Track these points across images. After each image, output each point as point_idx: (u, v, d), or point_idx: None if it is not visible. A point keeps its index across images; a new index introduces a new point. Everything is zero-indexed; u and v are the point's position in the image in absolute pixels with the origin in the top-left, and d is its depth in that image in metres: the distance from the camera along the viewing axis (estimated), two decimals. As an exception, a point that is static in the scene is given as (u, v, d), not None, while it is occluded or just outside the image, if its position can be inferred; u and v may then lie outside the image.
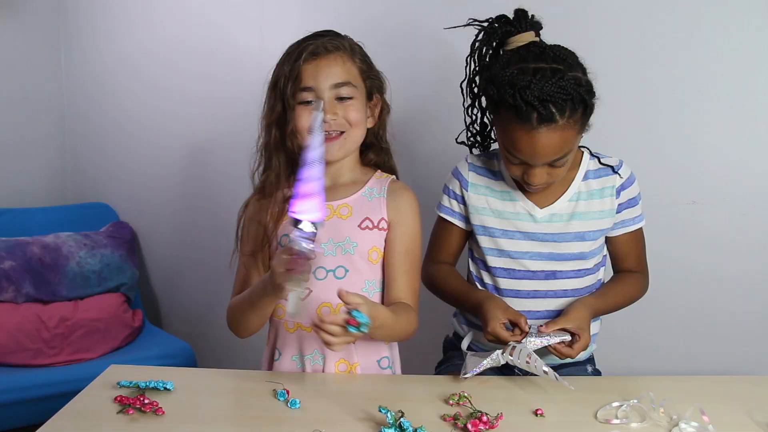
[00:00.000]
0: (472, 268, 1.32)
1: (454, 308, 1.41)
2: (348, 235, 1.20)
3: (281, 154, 1.23)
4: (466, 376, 1.12)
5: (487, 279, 1.29)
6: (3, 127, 2.31)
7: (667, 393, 1.01)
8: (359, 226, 1.21)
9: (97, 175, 2.52)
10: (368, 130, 1.26)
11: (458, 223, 1.31)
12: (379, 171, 1.29)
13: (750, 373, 1.48)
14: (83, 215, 2.37)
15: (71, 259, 2.12)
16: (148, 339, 2.20)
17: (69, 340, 2.02)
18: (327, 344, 1.00)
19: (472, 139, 1.30)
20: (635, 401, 1.00)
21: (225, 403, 1.01)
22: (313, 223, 0.98)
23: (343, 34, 1.25)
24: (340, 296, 1.00)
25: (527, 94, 1.06)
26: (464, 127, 1.31)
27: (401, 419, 0.90)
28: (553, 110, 1.07)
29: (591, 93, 1.11)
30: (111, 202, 2.46)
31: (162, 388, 1.02)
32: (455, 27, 1.23)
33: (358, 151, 1.27)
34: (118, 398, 0.99)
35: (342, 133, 1.20)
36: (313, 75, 1.18)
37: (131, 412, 0.96)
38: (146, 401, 0.97)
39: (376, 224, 1.22)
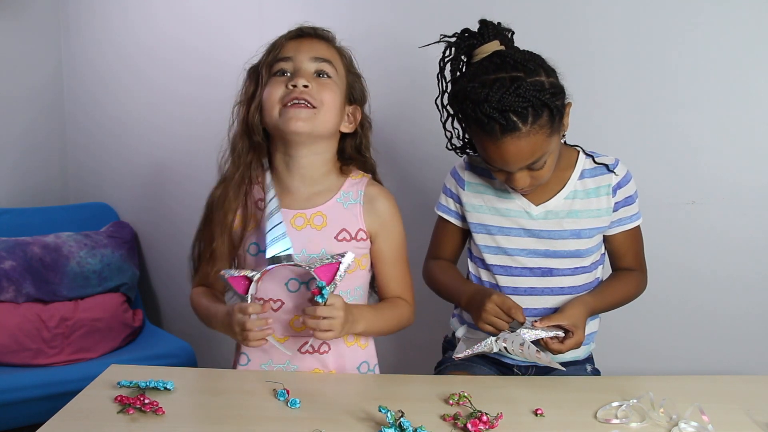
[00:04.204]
0: (471, 267, 1.33)
1: (453, 309, 1.41)
2: (323, 248, 1.17)
3: (245, 136, 1.20)
4: (458, 356, 1.14)
5: (485, 277, 1.29)
6: (3, 127, 2.31)
7: (666, 393, 1.01)
8: (336, 238, 1.19)
9: (97, 175, 2.52)
10: (348, 140, 1.25)
11: (455, 221, 1.32)
12: (355, 170, 1.26)
13: (750, 373, 1.48)
14: (83, 215, 2.37)
15: (71, 259, 2.12)
16: (148, 339, 2.19)
17: (69, 340, 2.02)
18: (317, 333, 1.07)
19: (458, 151, 1.31)
20: (635, 401, 1.00)
21: (225, 403, 1.01)
22: (288, 257, 1.10)
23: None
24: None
25: (485, 107, 1.07)
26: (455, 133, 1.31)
27: (401, 419, 0.90)
28: (515, 119, 1.07)
29: (556, 95, 1.10)
30: (111, 202, 2.46)
31: (162, 388, 1.02)
32: (429, 44, 1.23)
33: (334, 158, 1.24)
34: (119, 398, 0.99)
35: (313, 108, 1.15)
36: (294, 47, 1.17)
37: (131, 412, 0.96)
38: (146, 401, 0.97)
39: (354, 236, 1.20)
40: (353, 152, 1.26)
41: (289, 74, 1.16)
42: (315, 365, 1.21)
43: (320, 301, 1.05)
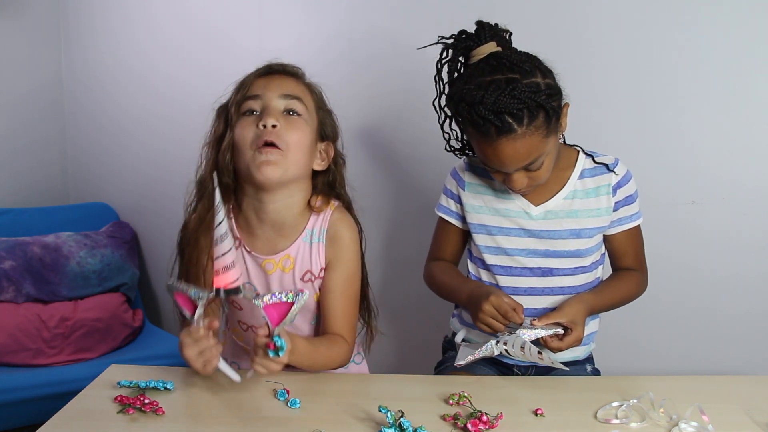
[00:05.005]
0: (471, 268, 1.33)
1: (453, 309, 1.41)
2: (291, 289, 1.17)
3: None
4: (460, 363, 1.13)
5: (485, 277, 1.29)
6: (3, 127, 2.31)
7: (667, 393, 1.01)
8: (302, 279, 1.19)
9: (97, 175, 2.52)
10: (320, 177, 1.21)
11: (455, 222, 1.32)
12: (320, 201, 1.21)
13: (750, 373, 1.48)
14: (83, 215, 2.37)
15: (71, 259, 2.12)
16: (148, 339, 2.19)
17: (69, 340, 2.02)
18: (258, 371, 0.98)
19: (458, 152, 1.31)
20: (635, 401, 1.00)
21: (225, 403, 1.01)
22: (236, 290, 0.99)
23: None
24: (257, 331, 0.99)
25: (481, 109, 1.07)
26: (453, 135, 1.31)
27: (401, 419, 0.90)
28: (510, 121, 1.07)
29: (552, 96, 1.10)
30: (111, 202, 2.46)
31: (162, 388, 1.03)
32: (427, 46, 1.24)
33: (306, 199, 1.20)
34: (118, 398, 0.99)
35: (281, 150, 1.11)
36: (263, 85, 1.14)
37: (131, 412, 0.96)
38: (146, 401, 0.97)
39: (317, 275, 1.19)
40: (325, 189, 1.23)
41: (258, 113, 1.13)
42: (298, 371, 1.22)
43: (271, 355, 0.96)
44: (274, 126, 1.11)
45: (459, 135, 1.27)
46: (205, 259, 1.19)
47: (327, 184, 1.23)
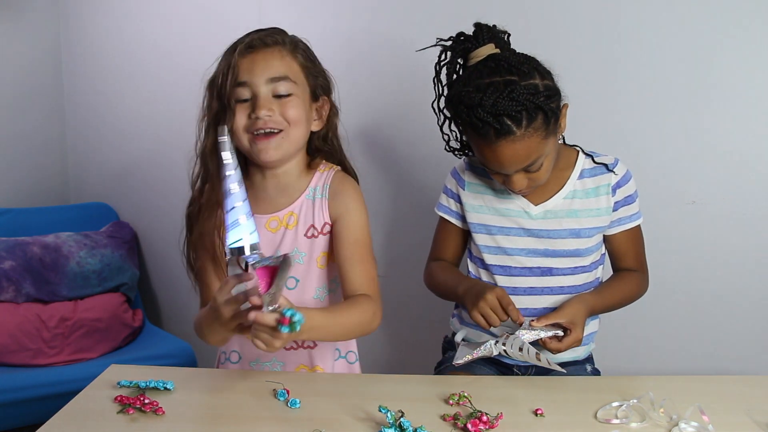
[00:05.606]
0: (471, 268, 1.33)
1: (453, 309, 1.41)
2: (296, 246, 1.18)
3: (216, 158, 1.14)
4: (458, 362, 1.13)
5: (485, 277, 1.29)
6: (3, 126, 2.31)
7: (667, 393, 1.01)
8: (305, 235, 1.19)
9: (97, 175, 2.52)
10: (315, 133, 1.22)
11: (455, 221, 1.32)
12: (324, 163, 1.24)
13: (750, 373, 1.48)
14: (83, 215, 2.37)
15: (71, 259, 2.13)
16: (148, 339, 2.20)
17: (69, 340, 2.02)
18: (255, 342, 0.94)
19: (457, 153, 1.31)
20: (635, 401, 1.00)
21: (225, 403, 1.01)
22: (253, 246, 0.92)
23: (290, 33, 1.20)
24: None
25: (479, 112, 1.07)
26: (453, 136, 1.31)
27: (401, 419, 0.90)
28: (509, 123, 1.07)
29: (551, 98, 1.10)
30: (111, 202, 2.47)
31: (162, 388, 1.02)
32: (426, 48, 1.24)
33: (303, 156, 1.23)
34: (118, 398, 0.99)
35: (280, 131, 1.14)
36: (248, 69, 1.13)
37: (131, 412, 0.96)
38: (146, 401, 0.97)
39: (320, 230, 1.19)
40: (320, 143, 1.24)
41: (248, 99, 1.13)
42: (301, 361, 1.22)
43: (285, 331, 0.88)
44: (268, 115, 1.13)
45: (458, 136, 1.27)
46: (214, 231, 1.18)
47: (321, 137, 1.23)
